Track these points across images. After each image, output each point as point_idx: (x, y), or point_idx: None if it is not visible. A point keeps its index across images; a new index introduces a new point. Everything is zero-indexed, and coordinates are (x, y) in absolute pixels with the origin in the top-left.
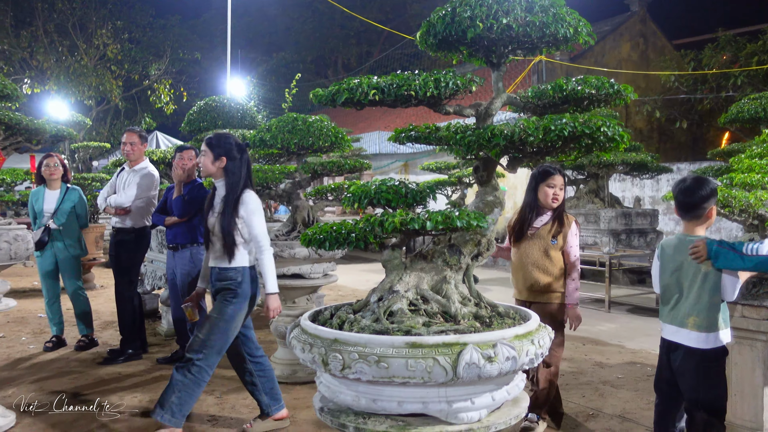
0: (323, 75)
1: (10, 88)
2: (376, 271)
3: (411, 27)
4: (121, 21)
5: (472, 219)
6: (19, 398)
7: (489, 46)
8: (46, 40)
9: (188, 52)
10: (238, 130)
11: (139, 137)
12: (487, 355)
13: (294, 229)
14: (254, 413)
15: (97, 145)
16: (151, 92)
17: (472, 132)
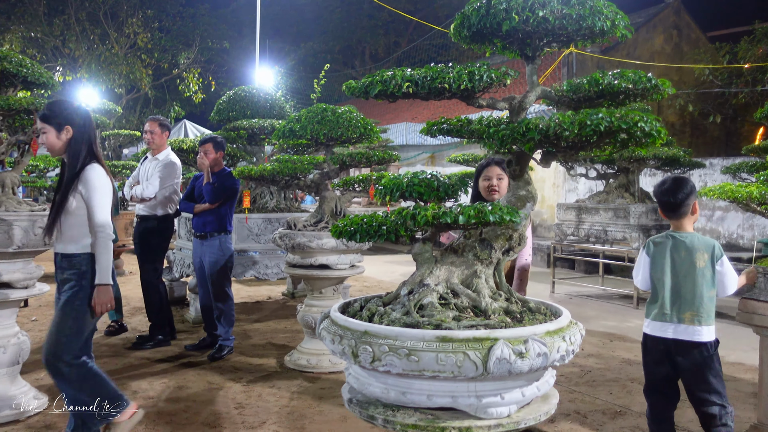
0: (350, 65)
1: (46, 76)
2: (401, 263)
3: (439, 17)
4: (152, 10)
5: (504, 213)
6: (51, 381)
7: (523, 39)
8: (78, 29)
9: (217, 42)
10: (267, 120)
11: (159, 126)
12: (518, 351)
13: (321, 219)
14: (281, 401)
15: (128, 133)
16: (180, 81)
17: (506, 126)
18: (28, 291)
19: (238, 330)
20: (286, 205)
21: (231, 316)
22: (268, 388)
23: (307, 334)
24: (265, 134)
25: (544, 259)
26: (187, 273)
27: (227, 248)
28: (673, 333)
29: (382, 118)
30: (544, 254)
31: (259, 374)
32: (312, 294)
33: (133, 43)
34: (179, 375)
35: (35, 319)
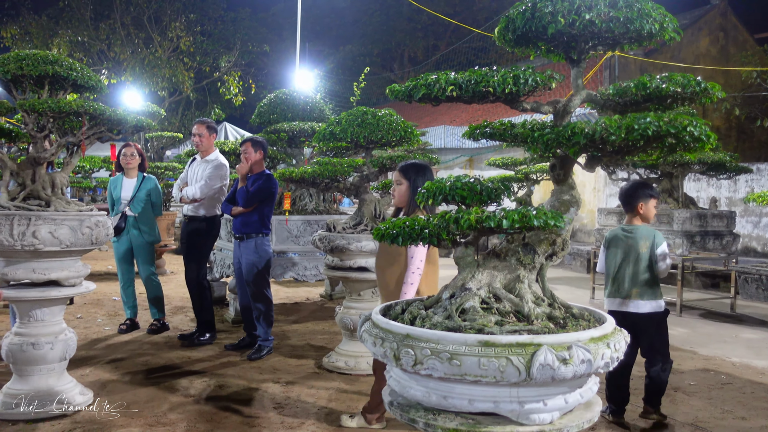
0: (389, 68)
1: (95, 80)
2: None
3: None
4: (194, 14)
5: (549, 218)
6: (96, 377)
7: (569, 42)
8: (123, 33)
9: (257, 45)
10: (307, 123)
11: (207, 128)
12: (562, 357)
13: (361, 222)
14: (320, 402)
15: (171, 135)
16: (221, 84)
17: (551, 129)
18: (76, 289)
19: (277, 331)
20: (325, 208)
21: (270, 316)
22: (307, 389)
23: (345, 335)
24: (305, 137)
25: (584, 265)
26: (227, 273)
27: (264, 250)
28: (623, 306)
29: (420, 121)
30: (583, 259)
31: (298, 375)
32: (350, 296)
33: (175, 46)
34: (219, 374)
35: (80, 317)
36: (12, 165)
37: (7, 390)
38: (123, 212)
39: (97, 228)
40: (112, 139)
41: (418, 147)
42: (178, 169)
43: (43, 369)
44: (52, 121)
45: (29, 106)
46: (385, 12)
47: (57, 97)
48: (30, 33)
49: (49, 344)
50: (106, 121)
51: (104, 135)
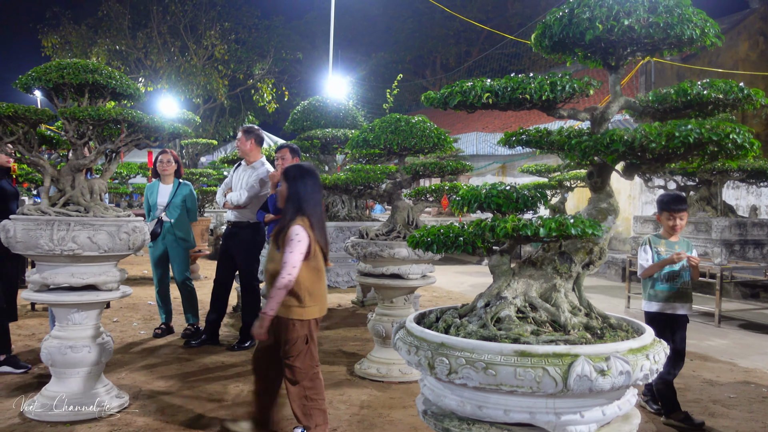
0: (421, 75)
1: (133, 88)
2: (470, 273)
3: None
4: (229, 22)
5: (587, 227)
6: (132, 381)
7: (606, 48)
8: (159, 41)
9: (290, 52)
10: (340, 129)
11: (244, 134)
12: (600, 369)
13: (394, 229)
14: (352, 409)
15: (206, 142)
16: (255, 91)
17: (589, 137)
18: (113, 293)
19: None
20: (357, 214)
21: None
22: (339, 395)
23: (377, 342)
24: (338, 143)
25: (619, 273)
26: (261, 279)
27: None
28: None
29: (452, 128)
30: (619, 268)
31: (330, 381)
32: (383, 303)
33: (210, 54)
34: (252, 380)
35: (117, 320)
36: (53, 171)
37: (45, 392)
38: (159, 218)
39: (134, 233)
40: (149, 146)
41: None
42: (212, 176)
43: (80, 372)
44: (92, 129)
45: (70, 114)
46: (417, 19)
47: (96, 105)
48: (70, 42)
49: (86, 347)
50: (144, 128)
51: (142, 142)
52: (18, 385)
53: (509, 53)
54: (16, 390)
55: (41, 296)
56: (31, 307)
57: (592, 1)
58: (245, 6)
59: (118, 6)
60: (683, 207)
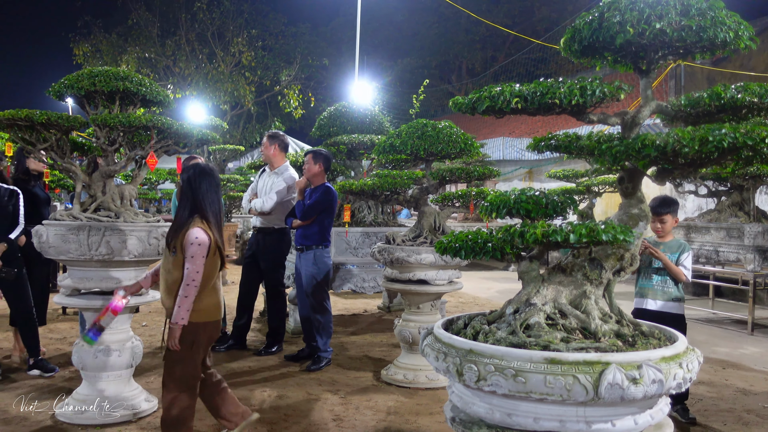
0: (447, 80)
1: (163, 95)
2: (497, 279)
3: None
4: (256, 29)
5: (618, 233)
6: (160, 384)
7: (637, 52)
8: (187, 49)
9: (317, 59)
10: (366, 135)
11: (268, 139)
12: (632, 377)
13: (420, 234)
14: (378, 415)
15: (233, 148)
16: (281, 97)
17: (620, 142)
18: (142, 298)
19: (335, 342)
20: (383, 220)
21: (329, 328)
22: (365, 401)
23: (404, 348)
24: (364, 149)
25: None
26: (287, 284)
27: (323, 262)
28: None
29: (478, 133)
30: None
31: (356, 387)
32: (409, 309)
33: (237, 61)
34: (279, 385)
35: (145, 325)
36: (84, 177)
37: (76, 395)
38: None
39: (163, 239)
40: (179, 152)
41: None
42: (240, 181)
43: (111, 375)
44: (123, 135)
45: (102, 121)
46: (443, 24)
47: (127, 112)
48: (101, 50)
49: (116, 351)
50: (174, 134)
51: (171, 148)
52: (50, 388)
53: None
54: (48, 393)
55: (72, 300)
56: (62, 311)
57: (622, 5)
58: (272, 13)
59: (147, 14)
60: (665, 210)
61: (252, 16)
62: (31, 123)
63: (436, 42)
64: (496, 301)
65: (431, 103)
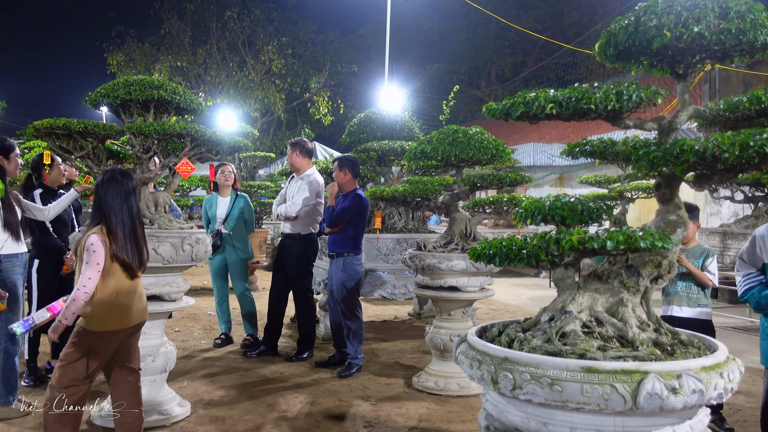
0: (476, 86)
1: (196, 102)
2: (528, 286)
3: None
4: (286, 37)
5: (656, 239)
6: (193, 390)
7: (674, 56)
8: (218, 57)
9: (346, 66)
10: (396, 142)
11: (291, 146)
12: (671, 386)
13: (451, 241)
14: (410, 422)
15: (264, 155)
16: (311, 104)
17: (657, 147)
18: (176, 304)
19: (366, 349)
20: (414, 226)
21: (360, 335)
22: (397, 408)
23: (435, 355)
24: (394, 155)
25: None
26: (318, 291)
27: (353, 269)
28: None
29: (508, 139)
30: None
31: (387, 394)
32: (441, 316)
33: (268, 69)
34: (310, 391)
35: (178, 330)
36: None
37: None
38: (218, 230)
39: (197, 245)
40: (211, 159)
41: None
42: (270, 188)
43: (145, 380)
44: (157, 143)
45: (137, 129)
46: (472, 30)
47: (161, 120)
48: (134, 60)
49: (150, 356)
50: (207, 142)
51: (204, 155)
52: None
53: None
54: None
55: None
56: None
57: (659, 9)
58: (302, 21)
59: (179, 24)
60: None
61: (282, 24)
62: (69, 131)
63: (466, 48)
64: (527, 308)
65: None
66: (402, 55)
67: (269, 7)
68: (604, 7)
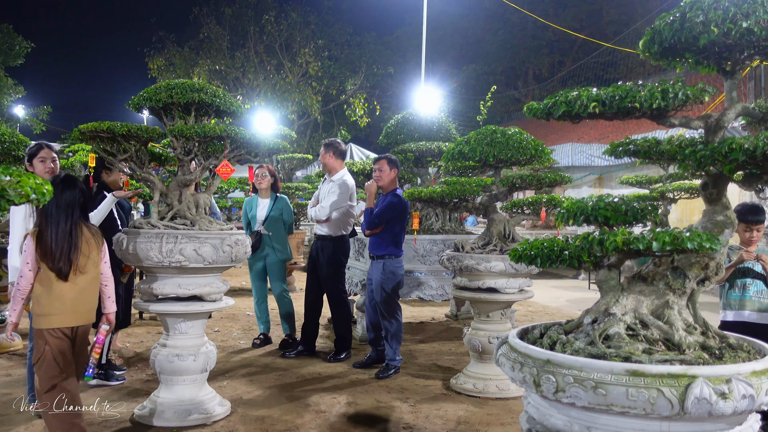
0: (513, 86)
1: (235, 105)
2: (567, 288)
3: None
4: (322, 40)
5: (704, 240)
6: (233, 389)
7: (721, 53)
8: (256, 60)
9: (382, 67)
10: (433, 143)
11: (324, 148)
12: (720, 391)
13: (490, 242)
14: (449, 424)
15: (301, 157)
16: (347, 106)
17: (704, 146)
18: (216, 304)
19: (404, 350)
20: (451, 227)
21: (399, 336)
22: (435, 410)
23: (473, 357)
24: (431, 156)
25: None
26: (355, 291)
27: (392, 271)
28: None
29: (546, 139)
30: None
31: (426, 396)
32: (479, 317)
33: (304, 71)
34: (348, 392)
35: (218, 330)
36: (161, 187)
37: (154, 397)
38: (257, 231)
39: (236, 246)
40: (250, 161)
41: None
42: (307, 189)
43: (186, 379)
44: (198, 145)
45: (178, 132)
46: (508, 30)
47: (202, 123)
48: (174, 64)
49: (192, 356)
50: (246, 144)
51: (243, 157)
52: (129, 390)
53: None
54: (128, 395)
55: (150, 306)
56: (139, 315)
57: (705, 4)
58: (338, 23)
59: (218, 28)
60: (760, 218)
61: (318, 26)
62: (113, 134)
63: (502, 48)
64: (566, 311)
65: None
66: (438, 56)
67: (306, 10)
68: (644, 4)
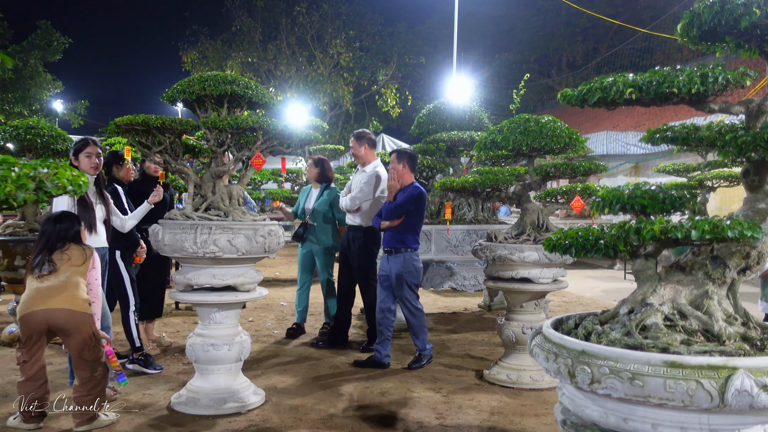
0: (546, 74)
1: (268, 97)
2: (602, 278)
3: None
4: (354, 31)
5: (745, 229)
6: (267, 379)
7: (763, 35)
8: (288, 52)
9: (413, 57)
10: (465, 132)
11: (356, 139)
12: (762, 383)
13: (523, 232)
14: (482, 415)
15: (333, 148)
16: (379, 97)
17: (745, 132)
18: (250, 294)
19: (436, 340)
20: (484, 217)
21: (424, 326)
22: (468, 400)
23: (506, 347)
24: (463, 146)
25: None
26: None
27: (413, 264)
28: None
29: (580, 128)
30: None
31: (458, 386)
32: (512, 308)
33: (336, 62)
34: (381, 381)
35: (252, 320)
36: (195, 178)
37: (190, 386)
38: (304, 221)
39: (270, 237)
40: (283, 152)
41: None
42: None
43: (221, 368)
44: (231, 137)
45: (212, 124)
46: (541, 17)
47: (235, 114)
48: (207, 57)
49: (226, 345)
50: (279, 135)
51: (276, 149)
52: (167, 379)
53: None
54: (165, 384)
55: (185, 296)
56: (175, 305)
57: None
58: (369, 14)
59: (250, 21)
60: None
61: (350, 17)
62: (147, 127)
63: (535, 36)
64: (601, 301)
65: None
66: (470, 46)
67: (337, 2)
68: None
